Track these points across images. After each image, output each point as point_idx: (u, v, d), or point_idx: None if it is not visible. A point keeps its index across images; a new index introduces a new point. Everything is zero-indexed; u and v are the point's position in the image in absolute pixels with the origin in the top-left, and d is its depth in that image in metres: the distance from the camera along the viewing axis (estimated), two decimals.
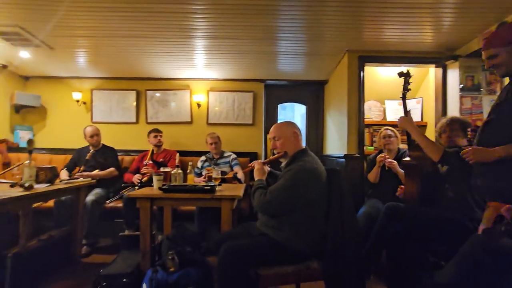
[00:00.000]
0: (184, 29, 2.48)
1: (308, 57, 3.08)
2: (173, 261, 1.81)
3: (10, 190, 1.87)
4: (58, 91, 3.80)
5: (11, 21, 2.39)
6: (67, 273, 2.25)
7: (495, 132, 1.32)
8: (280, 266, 1.41)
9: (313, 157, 1.54)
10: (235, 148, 3.55)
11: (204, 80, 3.79)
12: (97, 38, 2.71)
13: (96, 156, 2.99)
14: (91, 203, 2.64)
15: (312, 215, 1.45)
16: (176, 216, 2.76)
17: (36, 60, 3.21)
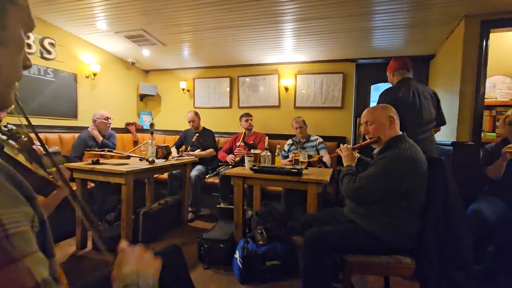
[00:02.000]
0: (273, 14, 2.53)
1: (410, 29, 2.69)
2: (262, 235, 1.98)
3: (139, 163, 2.37)
4: (169, 81, 4.48)
5: (136, 26, 2.93)
6: (178, 232, 2.75)
7: None
8: (367, 255, 1.37)
9: (411, 144, 1.39)
10: (322, 132, 3.50)
11: (292, 64, 3.79)
12: (198, 32, 3.04)
13: (198, 138, 3.45)
14: (195, 177, 3.10)
15: (407, 207, 1.34)
16: (264, 195, 2.96)
17: (153, 56, 3.86)
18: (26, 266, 0.28)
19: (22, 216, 0.30)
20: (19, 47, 0.42)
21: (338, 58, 3.56)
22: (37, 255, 0.30)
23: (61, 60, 3.19)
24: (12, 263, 0.27)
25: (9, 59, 0.41)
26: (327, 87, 3.66)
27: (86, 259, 2.16)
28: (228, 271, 2.02)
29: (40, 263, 0.30)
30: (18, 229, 0.29)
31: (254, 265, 1.87)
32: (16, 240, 0.28)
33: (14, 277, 0.26)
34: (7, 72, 0.41)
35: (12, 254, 0.27)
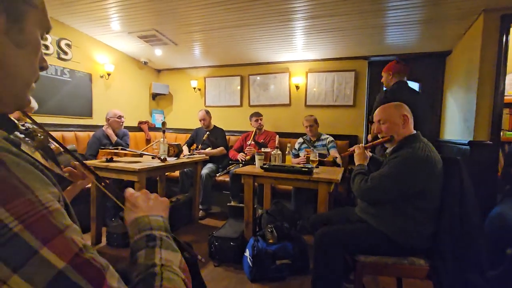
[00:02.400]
0: (283, 12, 2.52)
1: (425, 25, 2.62)
2: (272, 234, 1.99)
3: (152, 161, 2.41)
4: (180, 80, 4.53)
5: (149, 26, 2.98)
6: (189, 230, 2.78)
7: None
8: (379, 256, 1.35)
9: (425, 144, 1.36)
10: (333, 131, 3.46)
11: (303, 62, 3.76)
12: (209, 31, 3.06)
13: (209, 136, 3.48)
14: (205, 175, 3.13)
15: (421, 207, 1.31)
16: (275, 193, 2.96)
17: (165, 55, 3.90)
18: (69, 236, 0.32)
19: (53, 195, 0.34)
20: (36, 48, 0.44)
21: (350, 56, 3.50)
22: (74, 226, 0.34)
23: (77, 60, 3.28)
24: (60, 233, 0.31)
25: (27, 60, 0.42)
26: (338, 85, 3.61)
27: (101, 254, 2.21)
28: (238, 269, 2.03)
29: (77, 232, 0.34)
30: (55, 206, 0.33)
31: (264, 263, 1.87)
32: (56, 215, 0.32)
33: (63, 245, 0.31)
34: (24, 73, 0.42)
35: (58, 227, 0.32)
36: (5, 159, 0.31)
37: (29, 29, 0.41)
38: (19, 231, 0.28)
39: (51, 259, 0.29)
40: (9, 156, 0.31)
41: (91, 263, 0.33)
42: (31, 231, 0.29)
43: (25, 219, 0.29)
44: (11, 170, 0.30)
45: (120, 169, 2.12)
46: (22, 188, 0.30)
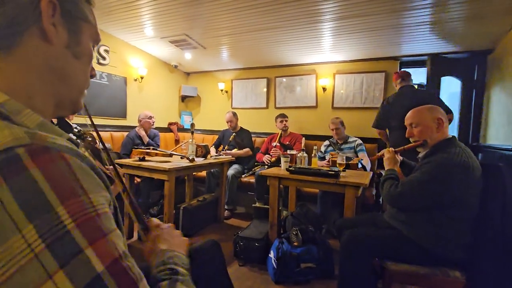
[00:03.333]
0: (311, 14, 2.50)
1: (463, 23, 2.47)
2: (297, 236, 1.98)
3: (180, 161, 2.51)
4: (208, 83, 4.65)
5: (180, 31, 3.10)
6: (214, 229, 2.85)
7: None
8: (410, 264, 1.30)
9: (462, 149, 1.28)
10: (362, 134, 3.36)
11: (330, 63, 3.70)
12: (236, 35, 3.12)
13: (235, 137, 3.54)
14: (231, 176, 3.18)
15: (457, 216, 1.24)
16: (300, 196, 2.94)
17: (194, 59, 4.04)
18: (112, 240, 0.33)
19: (104, 199, 0.36)
20: (89, 59, 0.49)
21: (380, 56, 3.39)
22: (117, 231, 0.35)
23: (113, 65, 3.49)
24: (104, 236, 0.32)
25: (82, 69, 0.48)
26: (367, 87, 3.51)
27: (132, 248, 2.34)
28: (263, 269, 2.05)
29: (120, 238, 0.35)
30: (104, 209, 0.34)
31: (289, 266, 1.87)
32: (103, 219, 0.33)
33: (105, 248, 0.32)
34: (80, 81, 0.48)
35: (103, 230, 0.33)
36: (71, 162, 0.33)
37: (84, 42, 0.46)
38: (71, 229, 0.30)
39: (93, 261, 0.30)
40: (75, 159, 0.34)
41: (127, 272, 0.33)
42: (80, 230, 0.30)
43: (77, 218, 0.31)
44: (74, 172, 0.33)
45: (152, 168, 2.22)
46: (79, 190, 0.32)
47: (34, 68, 0.40)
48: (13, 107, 0.36)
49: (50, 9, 0.39)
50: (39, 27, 0.39)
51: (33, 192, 0.29)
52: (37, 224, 0.28)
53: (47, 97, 0.43)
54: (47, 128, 0.39)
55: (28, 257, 0.27)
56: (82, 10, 0.45)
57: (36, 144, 0.32)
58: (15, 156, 0.30)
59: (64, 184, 0.31)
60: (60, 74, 0.43)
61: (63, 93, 0.45)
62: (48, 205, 0.29)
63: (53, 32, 0.40)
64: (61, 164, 0.32)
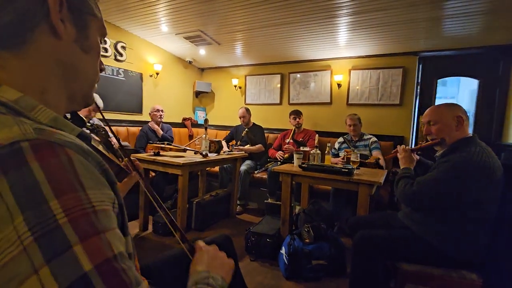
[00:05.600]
0: (327, 9, 2.46)
1: (489, 15, 2.36)
2: (309, 233, 1.97)
3: (194, 156, 2.54)
4: (222, 79, 4.67)
5: (194, 27, 3.12)
6: (226, 224, 2.88)
7: None
8: (424, 265, 1.27)
9: (483, 148, 1.24)
10: (377, 131, 3.29)
11: (346, 59, 3.63)
12: (251, 31, 3.11)
13: (248, 133, 3.55)
14: (244, 172, 3.20)
15: (475, 217, 1.20)
16: (313, 193, 2.93)
17: (208, 55, 4.06)
18: (107, 239, 0.32)
19: (106, 197, 0.35)
20: (98, 52, 0.50)
21: (398, 52, 3.29)
22: (116, 231, 0.35)
23: (130, 61, 3.57)
24: (97, 234, 0.31)
25: (92, 63, 0.49)
26: (384, 83, 3.42)
27: (147, 240, 2.41)
28: (274, 265, 2.06)
29: (118, 238, 0.34)
30: (103, 207, 0.34)
31: (300, 262, 1.87)
32: (101, 216, 0.33)
33: (98, 246, 0.31)
34: (90, 74, 0.49)
35: (97, 227, 0.32)
36: (73, 157, 0.33)
37: (92, 36, 0.48)
38: (62, 224, 0.29)
39: (81, 258, 0.29)
40: (78, 155, 0.34)
41: (119, 275, 0.32)
42: (72, 226, 0.29)
43: (70, 213, 0.30)
44: (75, 167, 0.33)
45: (166, 163, 2.27)
46: (77, 185, 0.32)
47: (45, 63, 0.41)
48: (27, 103, 0.37)
49: (57, 5, 0.40)
50: (48, 23, 0.40)
51: (29, 185, 0.29)
52: (28, 216, 0.28)
53: (60, 92, 0.44)
54: (60, 123, 0.40)
55: (18, 248, 0.27)
56: (89, 5, 0.46)
57: (41, 139, 0.32)
58: (18, 149, 0.30)
59: (61, 179, 0.31)
60: (71, 68, 0.45)
61: (74, 87, 0.47)
62: (41, 198, 0.29)
63: (62, 28, 0.41)
64: (63, 159, 0.32)
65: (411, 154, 1.56)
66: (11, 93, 0.37)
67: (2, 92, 0.37)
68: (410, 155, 1.55)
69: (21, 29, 0.39)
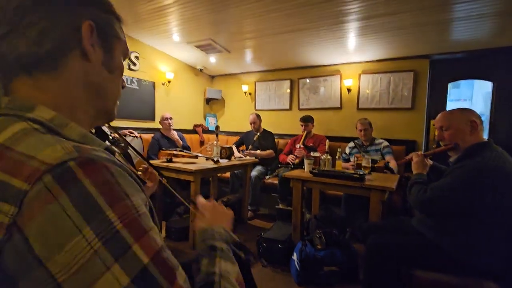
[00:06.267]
0: (335, 15, 2.47)
1: (502, 17, 2.32)
2: (320, 239, 1.97)
3: (206, 162, 2.58)
4: (232, 85, 4.74)
5: (205, 36, 3.19)
6: (238, 229, 2.89)
7: None
8: (440, 273, 1.25)
9: (499, 153, 1.22)
10: (389, 135, 3.26)
11: (356, 64, 3.62)
12: (260, 38, 3.16)
13: (259, 139, 3.57)
14: (255, 177, 3.22)
15: (492, 224, 1.18)
16: (324, 198, 2.91)
17: (219, 62, 4.13)
18: (152, 236, 0.38)
19: (142, 201, 0.40)
20: (121, 72, 0.55)
21: (408, 55, 3.26)
22: (155, 228, 0.40)
23: (143, 70, 3.67)
24: (146, 233, 0.37)
25: (115, 82, 0.53)
26: (395, 87, 3.39)
27: None
28: (285, 271, 2.06)
29: (158, 233, 0.40)
30: (143, 210, 0.39)
31: (312, 268, 1.87)
32: (144, 218, 0.38)
33: (148, 243, 0.37)
34: (115, 93, 0.53)
35: (145, 228, 0.37)
36: (113, 170, 0.38)
37: (117, 57, 0.52)
38: (120, 229, 0.34)
39: (139, 254, 0.35)
40: (114, 167, 0.39)
41: (167, 262, 0.38)
42: (127, 229, 0.35)
43: (124, 219, 0.35)
44: (117, 179, 0.38)
45: (178, 169, 2.31)
46: (123, 194, 0.37)
47: (76, 84, 0.45)
48: (60, 121, 0.41)
49: (89, 32, 0.44)
50: (80, 48, 0.44)
51: (87, 199, 0.34)
52: (93, 226, 0.33)
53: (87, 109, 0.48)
54: (88, 139, 0.44)
55: (90, 252, 0.32)
56: (115, 29, 0.51)
57: (83, 157, 0.36)
58: (68, 169, 0.34)
59: (110, 191, 0.36)
60: (98, 88, 0.49)
61: (100, 105, 0.51)
62: (100, 209, 0.34)
63: (91, 52, 0.45)
64: (106, 173, 0.37)
65: (424, 159, 1.54)
66: (46, 112, 0.41)
67: (39, 112, 0.41)
68: (423, 160, 1.54)
69: (58, 54, 0.43)
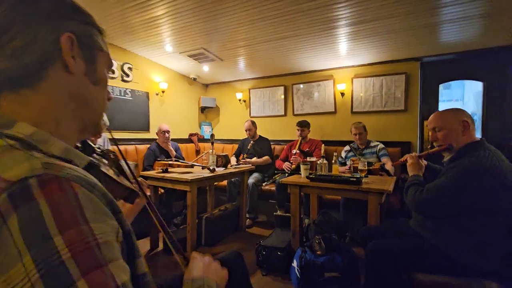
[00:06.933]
0: (326, 21, 2.51)
1: (488, 18, 2.37)
2: (320, 245, 1.95)
3: (202, 171, 2.56)
4: (226, 93, 4.75)
5: (197, 45, 3.21)
6: (236, 238, 2.86)
7: None
8: (440, 275, 1.24)
9: (492, 152, 1.22)
10: (384, 138, 3.28)
11: (348, 68, 3.66)
12: (253, 46, 3.18)
13: (254, 146, 3.57)
14: (252, 185, 3.20)
15: (490, 224, 1.17)
16: (322, 203, 2.90)
17: (212, 71, 4.15)
18: (110, 271, 0.32)
19: (109, 228, 0.36)
20: (105, 84, 0.54)
21: (399, 58, 3.31)
22: (119, 262, 0.35)
23: (136, 81, 3.67)
24: (100, 267, 0.32)
25: (101, 94, 0.52)
26: (387, 90, 3.43)
27: (158, 258, 2.41)
28: (286, 279, 2.03)
29: (122, 269, 0.35)
30: (106, 239, 0.34)
31: (312, 275, 1.84)
32: (103, 248, 0.33)
33: (101, 280, 0.31)
34: (100, 105, 0.52)
35: (100, 260, 0.32)
36: (78, 191, 0.34)
37: (100, 68, 0.51)
38: (66, 259, 0.30)
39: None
40: (83, 189, 0.35)
41: None
42: (75, 260, 0.30)
43: (74, 248, 0.30)
44: (79, 200, 0.34)
45: (174, 179, 2.29)
46: (80, 219, 0.33)
47: (59, 98, 0.44)
48: (40, 137, 0.40)
49: (69, 43, 0.44)
50: (61, 60, 0.44)
51: (36, 221, 0.30)
52: (34, 253, 0.29)
53: (72, 123, 0.47)
54: (71, 154, 0.42)
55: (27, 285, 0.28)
56: (97, 41, 0.50)
57: (48, 174, 0.33)
58: (26, 186, 0.32)
59: (66, 214, 0.32)
60: (82, 100, 0.48)
61: (85, 117, 0.50)
62: (47, 235, 0.30)
63: (73, 64, 0.45)
64: (68, 194, 0.33)
65: (419, 161, 1.55)
66: (26, 128, 0.40)
67: (18, 128, 0.39)
68: (418, 161, 1.54)
69: (39, 68, 0.42)
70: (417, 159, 1.54)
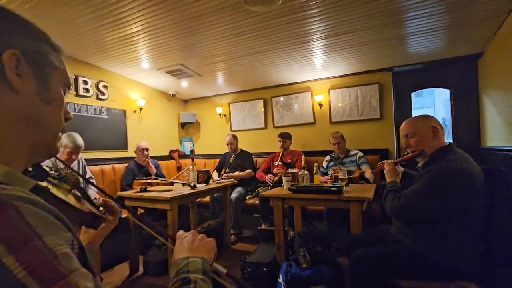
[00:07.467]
0: (301, 35, 2.58)
1: (450, 30, 2.53)
2: (305, 258, 1.92)
3: (183, 188, 2.50)
4: (206, 108, 4.73)
5: (175, 62, 3.20)
6: (221, 256, 2.77)
7: None
8: (422, 280, 1.25)
9: (461, 155, 1.27)
10: (362, 146, 3.35)
11: (324, 80, 3.77)
12: (230, 60, 3.21)
13: (236, 160, 3.53)
14: (235, 199, 3.14)
15: (465, 225, 1.20)
16: (306, 214, 2.89)
17: (191, 86, 4.13)
18: (73, 280, 0.32)
19: (64, 240, 0.34)
20: (61, 103, 0.51)
21: (372, 69, 3.45)
22: (81, 270, 0.34)
23: (112, 99, 3.58)
24: (62, 279, 0.31)
25: (55, 114, 0.49)
26: (363, 99, 3.54)
27: (139, 282, 2.28)
28: None
29: (84, 276, 0.34)
30: (63, 250, 0.33)
31: None
32: (62, 260, 0.32)
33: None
34: (54, 125, 0.49)
35: (61, 272, 0.31)
36: (22, 209, 0.32)
37: (54, 87, 0.48)
38: (22, 277, 0.28)
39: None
40: (26, 205, 0.33)
41: None
42: (33, 276, 0.29)
43: (29, 265, 0.29)
44: (25, 218, 0.32)
45: (153, 198, 2.21)
46: (31, 235, 0.31)
47: (3, 119, 0.41)
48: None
49: (13, 61, 0.41)
50: (4, 79, 0.41)
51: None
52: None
53: (20, 146, 0.44)
54: (13, 178, 0.39)
55: None
56: (48, 58, 0.47)
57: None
58: None
59: (13, 233, 0.31)
60: (32, 121, 0.45)
61: (37, 139, 0.46)
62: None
63: (17, 82, 0.42)
64: (11, 213, 0.31)
65: (395, 167, 1.58)
66: None
67: None
68: (395, 168, 1.58)
69: None
70: (393, 165, 1.58)
